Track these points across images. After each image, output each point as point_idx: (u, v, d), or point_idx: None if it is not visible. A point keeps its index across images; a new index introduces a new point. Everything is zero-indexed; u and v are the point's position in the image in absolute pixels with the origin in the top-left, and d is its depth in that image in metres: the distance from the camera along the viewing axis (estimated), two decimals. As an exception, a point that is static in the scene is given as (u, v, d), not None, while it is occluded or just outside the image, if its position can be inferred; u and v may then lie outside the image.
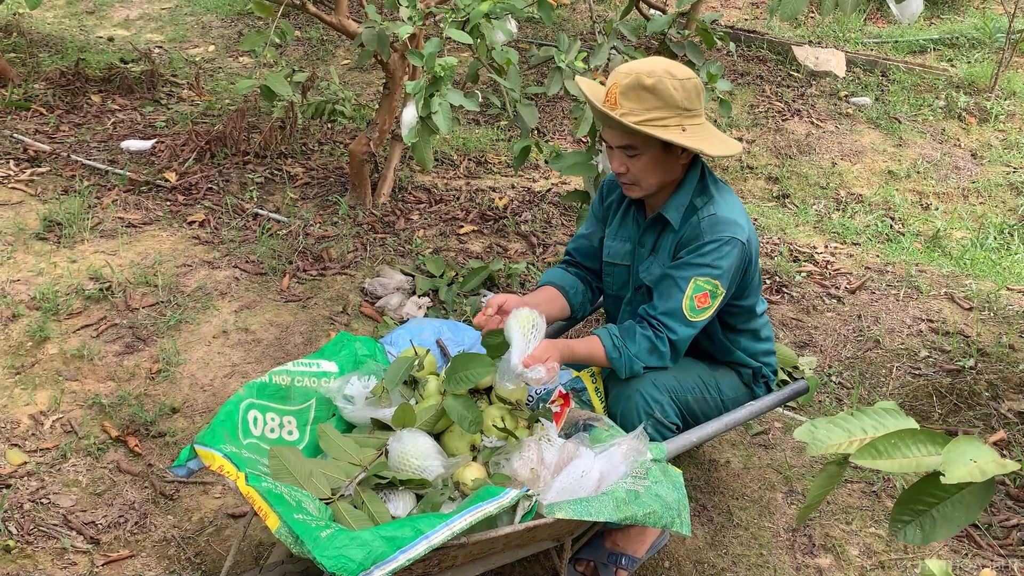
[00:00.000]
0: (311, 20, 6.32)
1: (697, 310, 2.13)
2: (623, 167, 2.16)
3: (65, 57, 5.44)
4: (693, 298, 2.12)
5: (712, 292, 2.13)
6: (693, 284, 2.12)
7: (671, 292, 2.14)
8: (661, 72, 2.07)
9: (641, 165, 2.14)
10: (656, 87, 2.06)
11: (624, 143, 2.12)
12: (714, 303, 2.15)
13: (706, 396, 2.29)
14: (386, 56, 3.46)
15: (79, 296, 3.18)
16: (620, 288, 2.37)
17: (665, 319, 2.14)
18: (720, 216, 2.15)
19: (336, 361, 2.22)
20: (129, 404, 2.75)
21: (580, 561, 2.29)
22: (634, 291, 2.32)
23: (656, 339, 2.13)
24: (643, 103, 2.06)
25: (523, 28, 6.42)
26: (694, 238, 2.16)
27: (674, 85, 2.07)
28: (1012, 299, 3.63)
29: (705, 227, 2.15)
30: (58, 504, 2.39)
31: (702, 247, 2.13)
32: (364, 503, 1.83)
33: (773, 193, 4.70)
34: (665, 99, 2.07)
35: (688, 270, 2.13)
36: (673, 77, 2.08)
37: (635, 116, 2.06)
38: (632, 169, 2.15)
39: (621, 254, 2.34)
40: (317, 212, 3.92)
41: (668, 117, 2.08)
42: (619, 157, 2.16)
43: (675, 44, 3.35)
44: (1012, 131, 5.30)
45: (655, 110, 2.07)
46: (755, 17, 7.05)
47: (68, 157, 4.17)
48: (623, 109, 2.07)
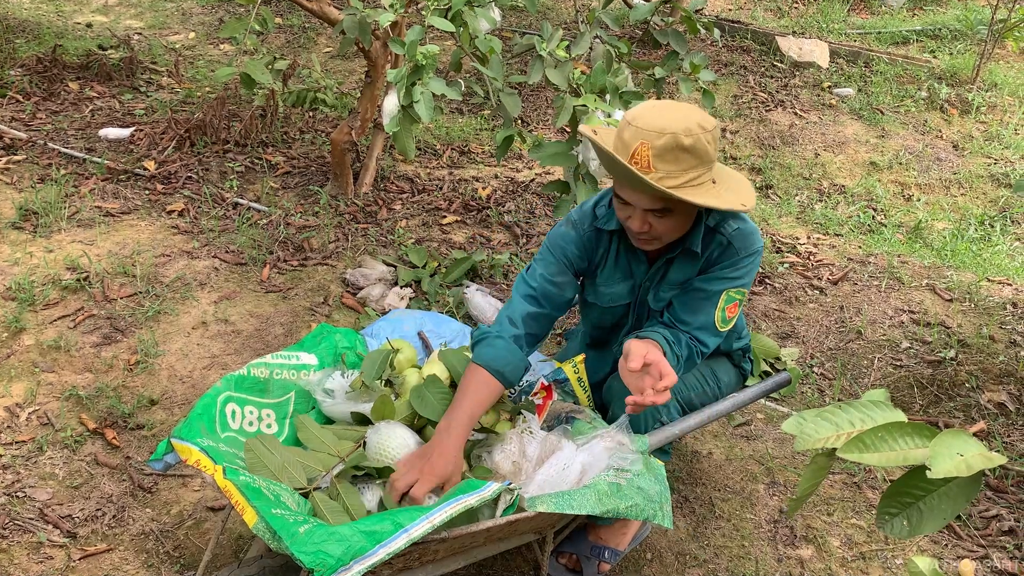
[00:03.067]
0: (293, 7, 6.26)
1: (727, 320, 2.11)
2: (646, 226, 1.99)
3: (42, 43, 5.36)
4: (724, 310, 2.09)
5: (740, 302, 2.12)
6: (725, 296, 2.08)
7: (702, 306, 2.08)
8: (696, 128, 1.88)
9: (670, 224, 2.00)
10: (695, 147, 1.88)
11: (658, 207, 1.94)
12: (740, 311, 2.15)
13: (706, 389, 2.31)
14: (367, 44, 3.43)
15: (56, 286, 3.14)
16: (617, 320, 2.30)
17: (699, 333, 2.09)
18: (744, 229, 2.09)
19: (316, 353, 2.19)
20: (107, 396, 2.71)
21: (562, 554, 2.28)
22: (635, 320, 2.27)
23: (695, 352, 2.10)
24: (680, 164, 1.88)
25: (507, 16, 6.38)
26: (728, 254, 2.08)
27: (707, 140, 1.90)
28: (992, 290, 3.65)
29: (737, 242, 2.07)
30: (34, 498, 2.35)
31: (738, 262, 2.08)
32: (340, 495, 1.81)
33: (756, 184, 4.70)
34: (701, 157, 1.90)
35: (722, 284, 2.08)
36: (705, 131, 1.89)
37: (672, 180, 1.88)
38: (657, 227, 1.99)
39: (621, 295, 2.23)
40: (298, 202, 3.88)
41: (702, 174, 1.92)
42: (642, 217, 1.97)
43: (659, 32, 3.33)
44: (993, 123, 5.32)
45: (692, 170, 1.90)
46: (739, 7, 7.04)
47: (45, 145, 4.11)
48: (659, 173, 1.88)
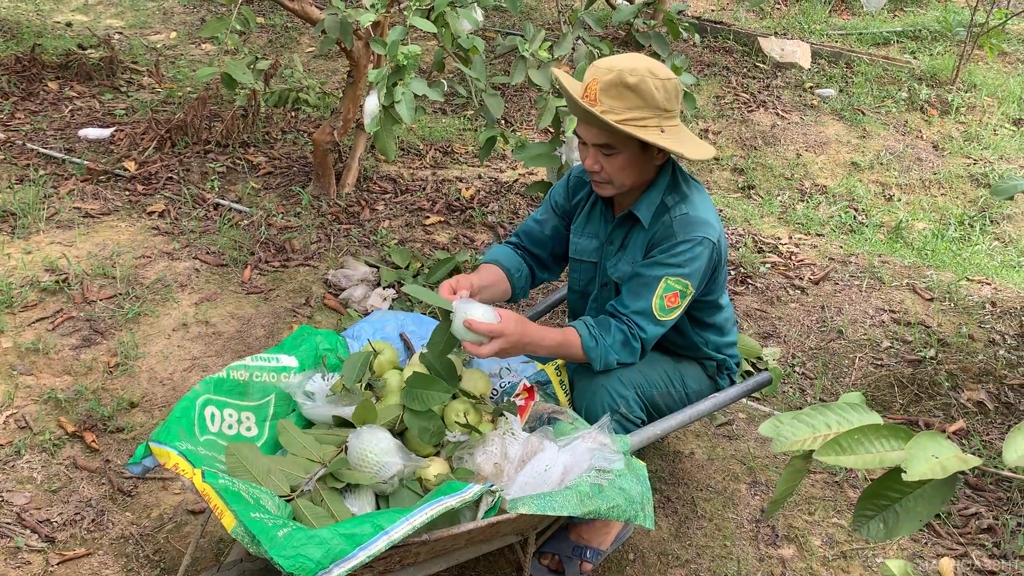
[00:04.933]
0: (275, 7, 6.23)
1: (667, 309, 2.12)
2: (597, 165, 2.10)
3: (21, 43, 5.31)
4: (663, 297, 2.10)
5: (682, 292, 2.12)
6: (664, 284, 2.10)
7: (641, 291, 2.11)
8: (643, 71, 2.00)
9: (617, 164, 2.09)
10: (638, 86, 1.99)
11: (602, 141, 2.06)
12: (683, 302, 2.14)
13: (671, 390, 2.28)
14: (349, 44, 3.42)
15: (34, 288, 3.11)
16: (586, 284, 2.35)
17: (636, 317, 2.11)
18: (692, 216, 2.12)
19: (296, 355, 2.18)
20: (86, 399, 2.69)
21: (545, 555, 2.28)
22: (600, 287, 2.30)
23: (629, 335, 2.12)
24: (624, 101, 2.00)
25: (490, 17, 6.38)
26: (666, 237, 2.12)
27: (656, 85, 2.00)
28: (972, 290, 3.67)
29: (677, 227, 2.11)
30: (11, 502, 2.33)
31: (674, 247, 2.10)
32: (324, 500, 1.80)
33: (738, 184, 4.72)
34: (646, 99, 2.00)
35: (659, 269, 2.11)
36: (655, 76, 2.01)
37: (615, 115, 2.00)
38: (606, 167, 2.10)
39: (588, 251, 2.31)
40: (280, 202, 3.86)
41: (648, 117, 2.01)
42: (594, 155, 2.09)
43: (641, 35, 3.34)
44: (972, 123, 5.36)
45: (635, 109, 2.00)
46: (722, 8, 7.06)
47: (23, 145, 4.08)
48: (603, 106, 2.00)
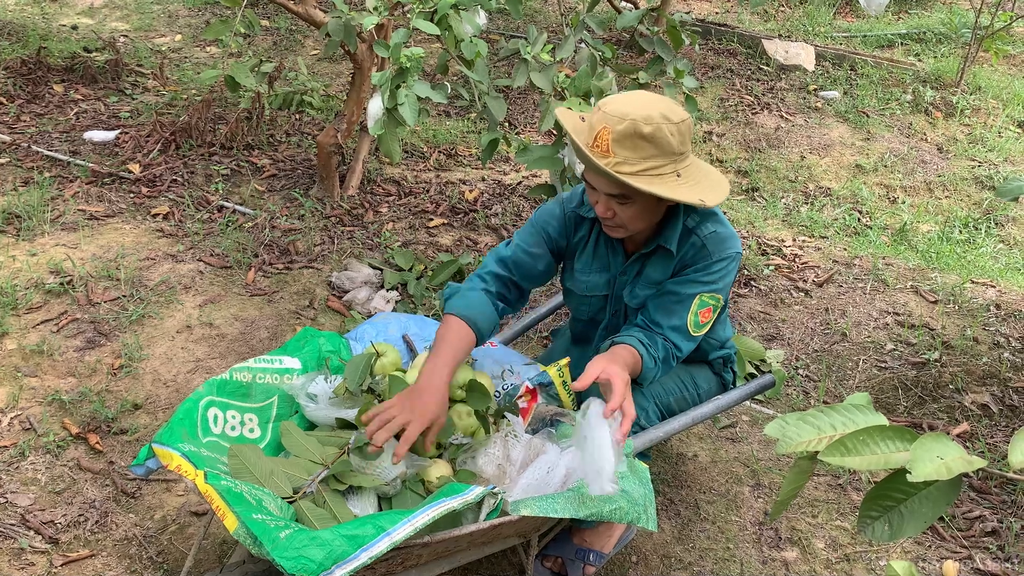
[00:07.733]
0: (279, 9, 6.24)
1: (700, 325, 2.12)
2: (610, 212, 2.01)
3: (27, 45, 5.33)
4: (697, 314, 2.10)
5: (715, 307, 2.12)
6: (698, 300, 2.09)
7: (675, 308, 2.09)
8: (659, 118, 1.91)
9: (631, 212, 2.02)
10: (654, 135, 1.90)
11: (616, 192, 1.97)
12: (714, 316, 2.14)
13: (685, 395, 2.30)
14: (353, 47, 3.43)
15: (39, 290, 3.12)
16: (595, 313, 2.31)
17: (671, 334, 2.10)
18: (722, 233, 2.10)
19: (299, 357, 2.18)
20: (90, 400, 2.70)
21: (547, 557, 2.28)
22: (612, 315, 2.28)
23: (670, 354, 2.10)
24: (639, 152, 1.91)
25: (494, 20, 6.38)
26: (701, 258, 2.09)
27: (671, 131, 1.91)
28: (976, 292, 3.67)
29: (711, 246, 2.08)
30: (16, 503, 2.33)
31: (711, 266, 2.09)
32: (326, 502, 1.80)
33: (742, 187, 4.71)
34: (662, 147, 1.92)
35: (694, 287, 2.09)
36: (669, 122, 1.92)
37: (630, 166, 1.91)
38: (620, 215, 2.02)
39: (599, 286, 2.25)
40: (284, 204, 3.87)
41: (663, 164, 1.94)
42: (605, 202, 2.01)
43: (644, 40, 3.34)
44: (977, 125, 5.35)
45: (651, 159, 1.92)
46: (726, 10, 7.06)
47: (28, 148, 4.09)
48: (616, 158, 1.91)
